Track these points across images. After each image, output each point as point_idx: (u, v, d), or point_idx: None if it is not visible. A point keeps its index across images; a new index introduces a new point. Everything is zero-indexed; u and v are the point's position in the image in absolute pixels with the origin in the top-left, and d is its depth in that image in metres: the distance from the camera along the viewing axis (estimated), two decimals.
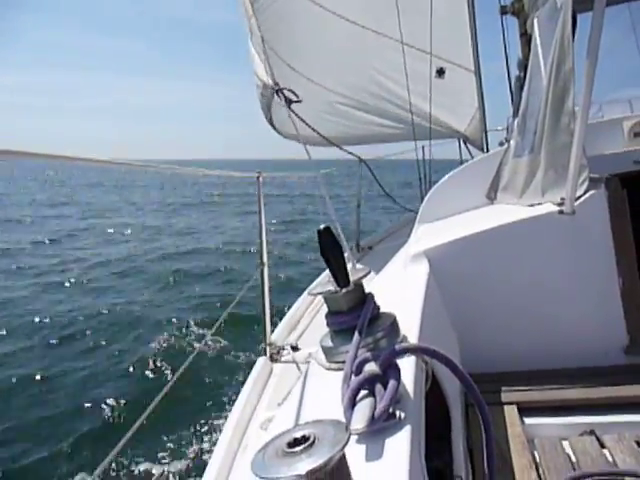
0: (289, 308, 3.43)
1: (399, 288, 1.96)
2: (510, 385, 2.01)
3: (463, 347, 2.14)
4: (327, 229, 1.13)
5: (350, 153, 5.53)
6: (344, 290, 1.17)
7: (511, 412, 1.85)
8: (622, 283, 2.08)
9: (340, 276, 1.15)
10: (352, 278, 1.19)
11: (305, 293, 3.49)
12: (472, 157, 6.40)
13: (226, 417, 2.06)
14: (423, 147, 6.18)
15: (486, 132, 6.17)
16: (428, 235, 2.55)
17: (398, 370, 0.99)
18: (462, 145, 6.61)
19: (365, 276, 1.25)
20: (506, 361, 2.17)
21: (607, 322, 2.12)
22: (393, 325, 1.23)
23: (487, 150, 6.02)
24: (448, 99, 5.93)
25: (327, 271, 1.18)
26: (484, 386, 1.98)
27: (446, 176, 3.07)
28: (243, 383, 2.27)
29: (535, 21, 2.79)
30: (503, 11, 4.49)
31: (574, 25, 2.17)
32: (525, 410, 1.89)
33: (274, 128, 5.62)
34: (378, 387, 0.96)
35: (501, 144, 4.93)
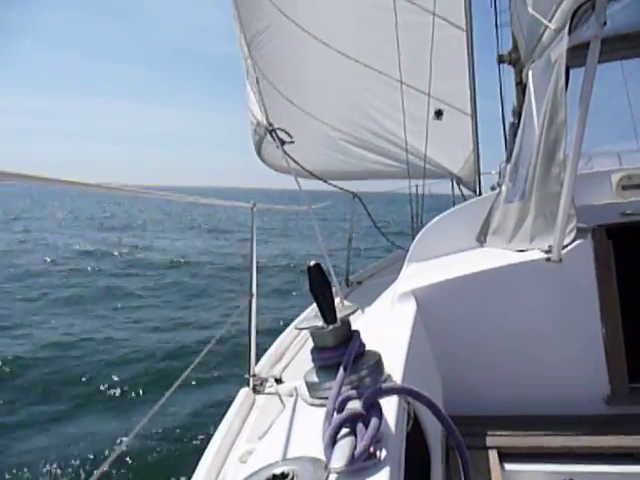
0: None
1: (386, 326, 1.97)
2: (492, 429, 2.01)
3: (447, 388, 2.14)
4: (317, 265, 1.15)
5: (343, 189, 5.58)
6: (330, 327, 1.18)
7: (492, 457, 1.85)
8: (605, 333, 2.10)
9: (327, 312, 1.16)
10: (339, 315, 1.20)
11: (291, 326, 3.49)
12: (464, 198, 6.49)
13: (205, 447, 2.03)
14: (417, 186, 6.26)
15: (479, 175, 6.27)
16: (417, 274, 2.57)
17: (380, 410, 1.00)
18: (455, 186, 6.71)
19: (352, 313, 1.26)
20: (489, 405, 2.17)
21: (590, 371, 2.14)
22: (378, 364, 1.24)
23: (480, 192, 6.10)
24: (444, 140, 6.03)
25: (314, 305, 1.19)
26: (466, 429, 1.98)
27: (437, 217, 3.11)
28: (224, 414, 2.24)
29: (530, 72, 2.89)
30: (500, 60, 4.62)
31: (567, 79, 2.24)
32: (506, 455, 1.88)
33: (263, 162, 5.71)
34: (359, 426, 0.96)
35: (493, 188, 5.02)
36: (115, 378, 6.90)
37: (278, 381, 2.52)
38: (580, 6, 1.95)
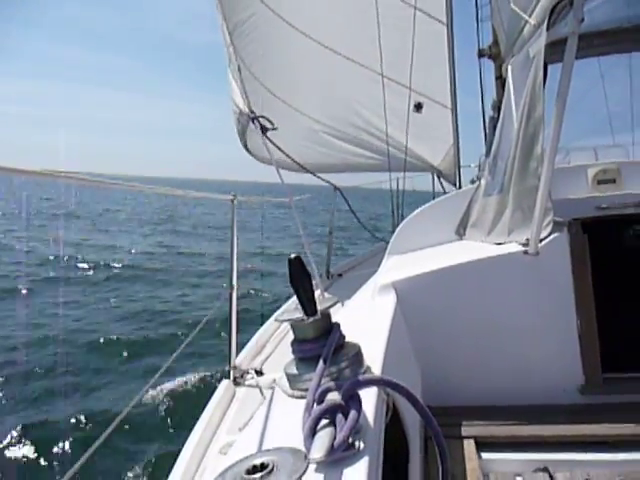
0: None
1: (366, 318, 1.99)
2: (469, 419, 2.04)
3: (425, 379, 2.17)
4: (297, 258, 1.16)
5: (325, 181, 5.59)
6: (311, 319, 1.19)
7: (469, 446, 1.88)
8: (580, 324, 2.14)
9: (308, 305, 1.17)
10: (320, 307, 1.21)
11: (272, 318, 3.50)
12: (445, 191, 6.55)
13: (186, 439, 2.03)
14: (398, 179, 6.29)
15: (459, 168, 6.31)
16: (397, 267, 2.59)
17: (359, 401, 1.01)
18: (436, 179, 6.75)
19: (333, 306, 1.27)
20: (466, 395, 2.21)
21: (565, 361, 2.18)
22: (357, 355, 1.25)
23: (460, 185, 6.15)
24: (424, 133, 6.07)
25: (295, 297, 1.20)
26: (443, 419, 2.01)
27: (417, 210, 3.13)
28: (205, 406, 2.25)
29: (509, 68, 2.92)
30: (480, 54, 4.67)
31: (545, 74, 2.27)
32: (482, 445, 1.92)
33: (248, 152, 5.70)
34: (339, 417, 0.97)
35: (472, 182, 5.08)
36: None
37: (259, 373, 2.53)
38: (558, 2, 1.98)
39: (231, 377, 2.48)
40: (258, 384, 2.34)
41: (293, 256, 1.15)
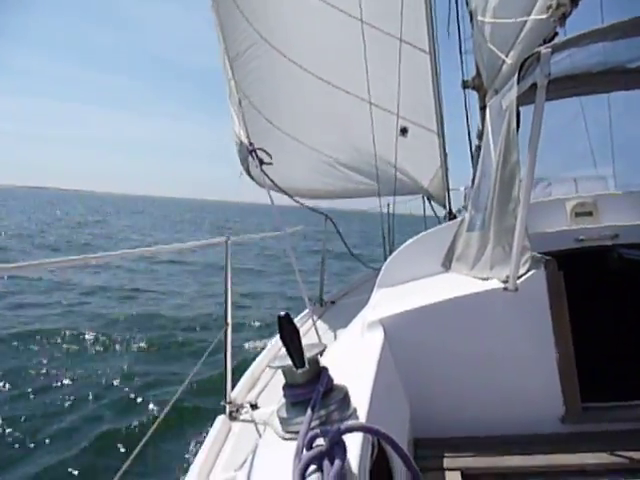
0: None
1: (355, 357, 2.09)
2: (456, 451, 2.13)
3: (414, 412, 2.26)
4: (287, 315, 1.27)
5: (316, 211, 5.72)
6: (300, 370, 1.30)
7: (455, 479, 1.97)
8: (559, 356, 2.25)
9: (297, 358, 1.28)
10: (309, 354, 1.32)
11: (266, 350, 3.57)
12: (436, 214, 6.69)
13: (184, 475, 2.10)
14: (388, 204, 6.42)
15: (449, 190, 6.45)
16: (385, 301, 2.69)
17: (344, 447, 1.11)
18: (427, 202, 6.89)
19: (321, 352, 1.38)
20: (454, 426, 2.30)
21: (546, 392, 2.28)
22: (345, 398, 1.36)
23: (450, 208, 6.26)
24: (413, 157, 6.23)
25: None
26: (431, 451, 2.11)
27: (406, 243, 3.25)
28: (202, 441, 2.32)
29: (487, 110, 3.05)
30: (465, 85, 4.83)
31: (518, 119, 2.39)
32: (469, 477, 2.00)
33: (250, 177, 5.86)
34: (326, 463, 1.07)
35: (458, 211, 5.24)
36: None
37: (254, 407, 2.61)
38: (527, 58, 2.11)
39: (227, 412, 2.56)
40: (253, 418, 2.42)
41: (283, 313, 1.26)
